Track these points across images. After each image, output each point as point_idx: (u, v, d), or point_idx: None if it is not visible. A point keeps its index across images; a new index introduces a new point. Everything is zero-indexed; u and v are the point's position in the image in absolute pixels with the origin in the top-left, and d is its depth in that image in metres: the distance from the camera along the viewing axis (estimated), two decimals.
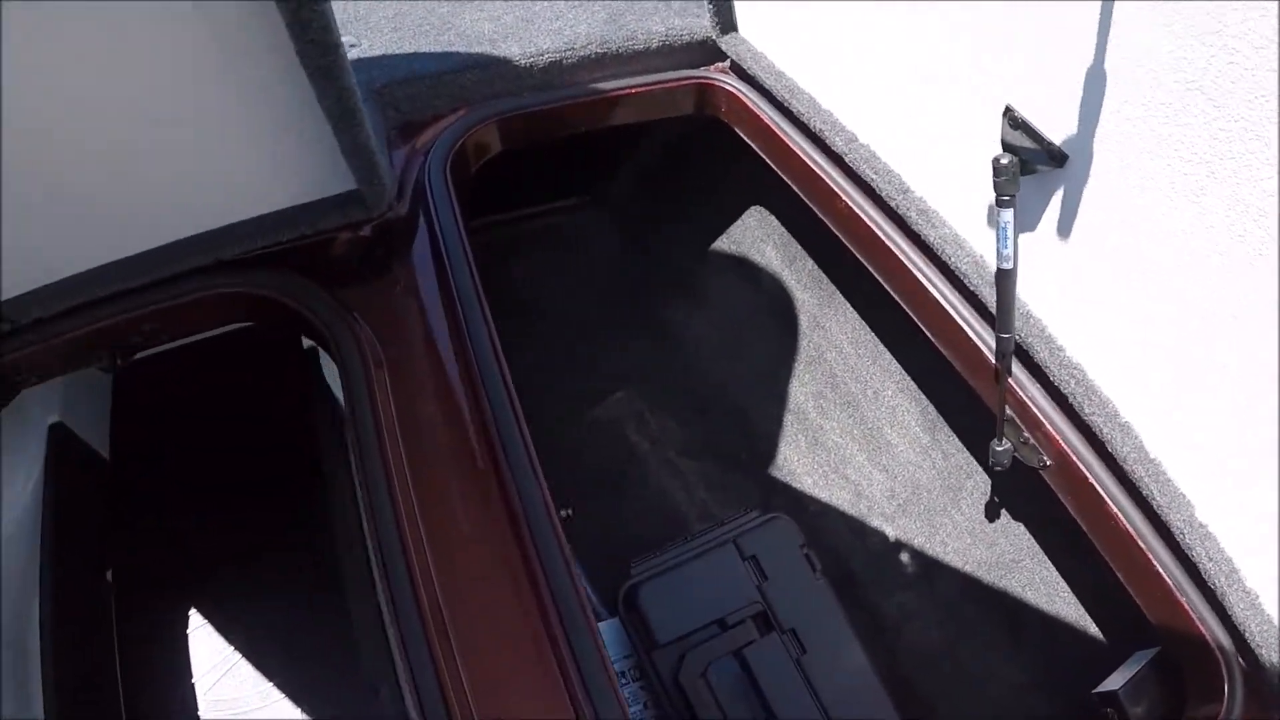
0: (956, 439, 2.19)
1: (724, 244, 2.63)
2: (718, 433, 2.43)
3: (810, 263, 2.44)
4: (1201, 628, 1.30)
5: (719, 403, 2.48)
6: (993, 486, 2.13)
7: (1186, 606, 1.32)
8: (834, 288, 2.40)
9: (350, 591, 2.16)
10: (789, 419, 2.41)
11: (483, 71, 1.94)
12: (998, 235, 1.25)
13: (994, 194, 1.23)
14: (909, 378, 2.26)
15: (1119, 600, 1.47)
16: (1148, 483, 1.32)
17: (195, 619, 2.33)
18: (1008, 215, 1.23)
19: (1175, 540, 1.30)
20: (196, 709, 2.22)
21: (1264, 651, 1.22)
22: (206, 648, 2.29)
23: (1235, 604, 1.23)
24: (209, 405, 2.56)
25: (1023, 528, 2.08)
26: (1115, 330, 1.32)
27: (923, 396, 2.23)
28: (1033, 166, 1.25)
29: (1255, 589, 1.23)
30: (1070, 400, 1.42)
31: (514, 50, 1.96)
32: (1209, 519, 1.27)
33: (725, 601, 1.87)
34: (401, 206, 1.75)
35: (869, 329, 2.33)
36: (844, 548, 2.20)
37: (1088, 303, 1.35)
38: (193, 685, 2.25)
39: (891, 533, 2.22)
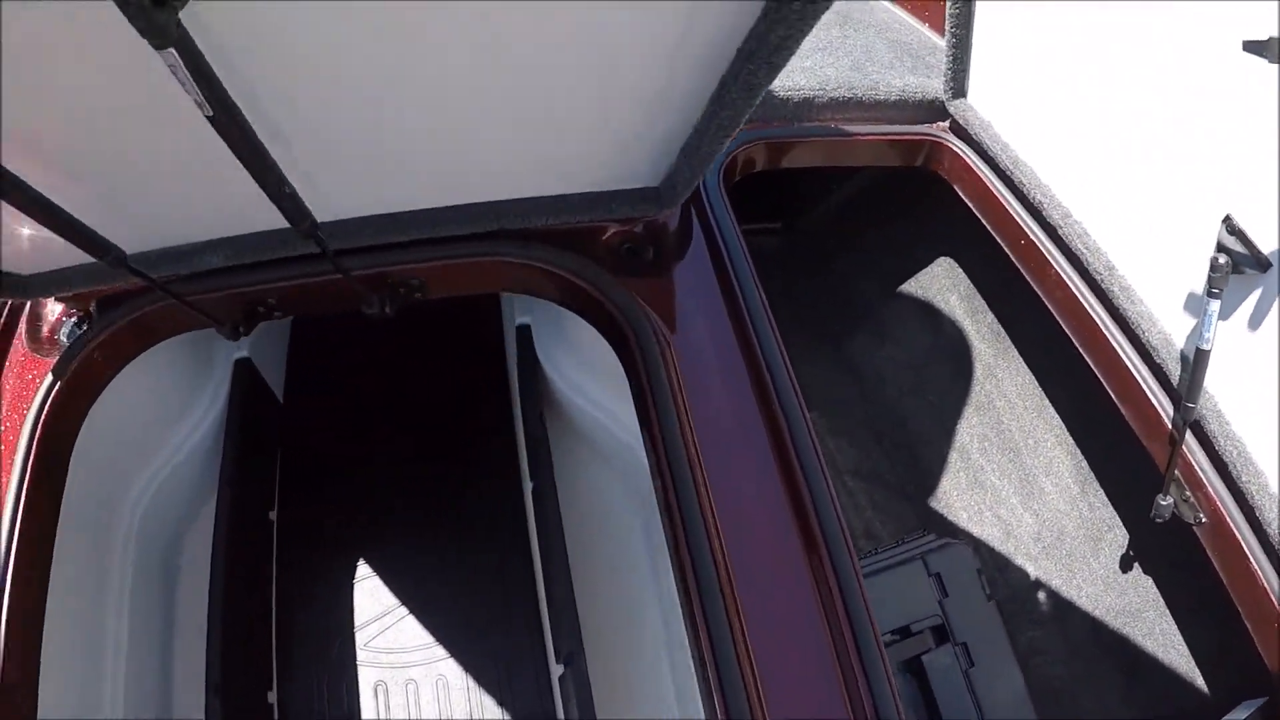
0: (1104, 494, 2.38)
1: (911, 287, 2.87)
2: (888, 460, 2.68)
3: (991, 316, 2.67)
4: None
5: (892, 433, 2.73)
6: (1129, 541, 2.32)
7: None
8: (1010, 343, 2.62)
9: (547, 560, 2.24)
10: (953, 456, 2.64)
11: None
12: (1203, 320, 1.49)
13: (1205, 286, 1.47)
14: (1068, 434, 2.46)
15: (1229, 655, 1.67)
16: None
17: (360, 569, 2.51)
18: (1214, 305, 1.47)
19: None
20: (352, 656, 2.39)
21: None
22: (370, 598, 2.46)
23: None
24: (384, 363, 2.84)
25: (1151, 581, 2.27)
26: (1276, 415, 1.54)
27: (1078, 452, 2.43)
28: (1241, 268, 1.49)
29: None
30: (1230, 468, 1.63)
31: (775, 83, 2.24)
32: None
33: (910, 610, 2.07)
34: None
35: (1037, 385, 2.54)
36: (987, 580, 2.43)
37: (1260, 386, 1.57)
38: (349, 634, 2.42)
39: (1033, 572, 2.43)
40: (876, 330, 2.91)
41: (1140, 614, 2.27)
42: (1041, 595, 2.42)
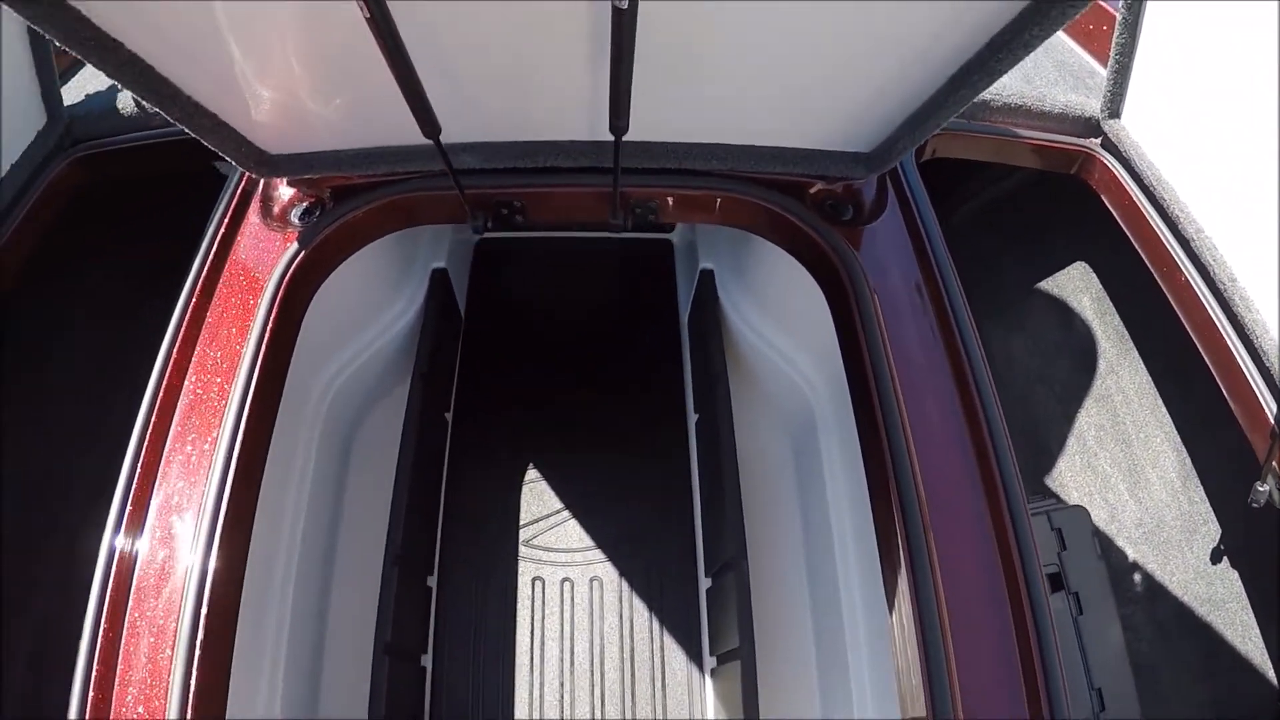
0: (1204, 491, 2.59)
1: (1048, 285, 3.12)
2: (1010, 438, 2.94)
3: (1118, 319, 2.90)
4: None
5: (1016, 416, 2.98)
6: (1222, 536, 2.53)
7: None
8: (1132, 344, 2.85)
9: (708, 482, 2.53)
10: (1071, 441, 2.89)
11: None
12: None
13: None
14: (1177, 432, 2.68)
15: None
16: None
17: (528, 474, 2.78)
18: None
19: None
20: (514, 551, 2.64)
21: None
22: (534, 501, 2.72)
23: None
24: (560, 293, 3.14)
25: (1237, 575, 2.48)
26: None
27: (1184, 450, 2.65)
28: None
29: None
30: None
31: None
32: None
33: None
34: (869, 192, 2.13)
35: (1154, 385, 2.77)
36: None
37: None
38: (513, 531, 2.67)
39: (1131, 555, 2.67)
40: (1013, 320, 3.17)
41: (1224, 604, 2.49)
42: (1136, 576, 2.65)
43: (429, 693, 2.40)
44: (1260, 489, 2.00)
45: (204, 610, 1.52)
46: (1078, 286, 3.03)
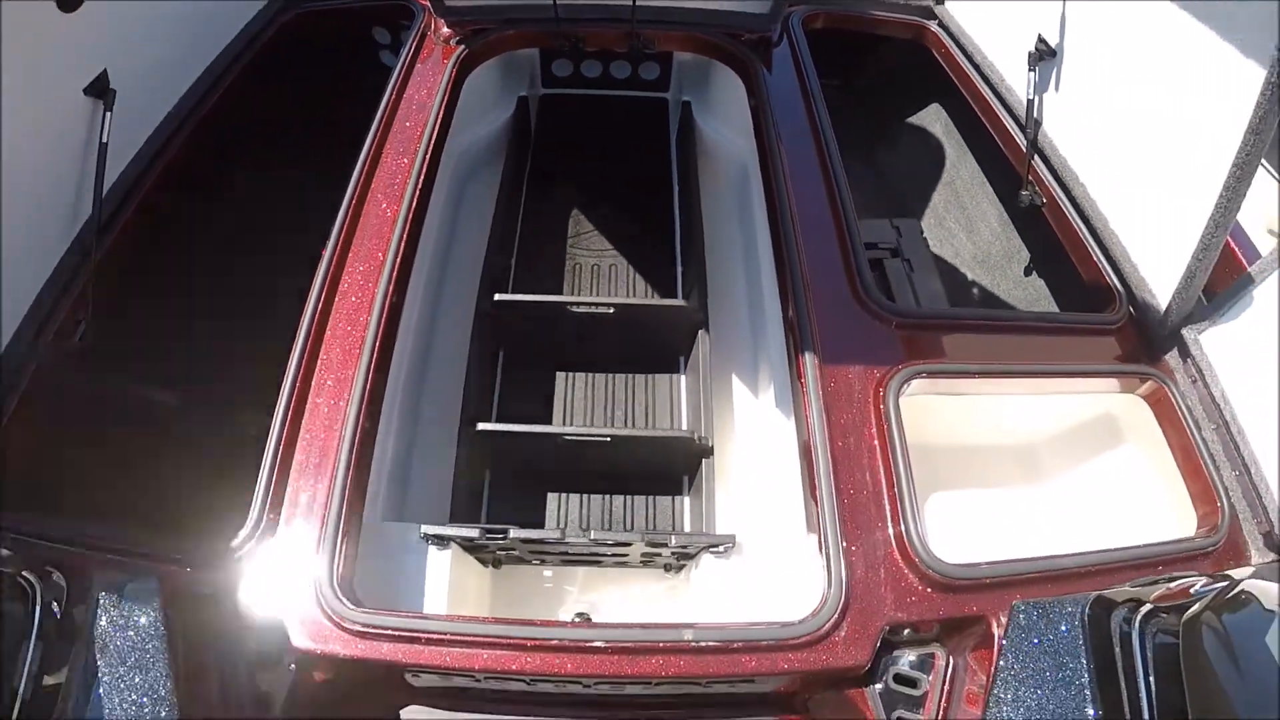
0: (1016, 231, 3.94)
1: (913, 118, 4.64)
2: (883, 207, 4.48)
3: (958, 135, 4.32)
4: None
5: (890, 195, 4.52)
6: (1031, 258, 4.01)
7: None
8: (968, 149, 4.25)
9: (684, 220, 3.94)
10: (927, 210, 4.40)
11: None
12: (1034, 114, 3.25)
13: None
14: (997, 199, 4.00)
15: (1067, 285, 3.38)
16: None
17: (572, 217, 4.25)
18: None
19: None
20: (562, 252, 4.06)
21: None
22: (575, 224, 4.20)
23: None
24: (594, 126, 4.56)
25: (1043, 282, 3.95)
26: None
27: (1002, 209, 4.02)
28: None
29: None
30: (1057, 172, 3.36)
31: None
32: None
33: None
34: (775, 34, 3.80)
35: (981, 172, 4.15)
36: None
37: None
38: (562, 241, 4.10)
39: (970, 276, 4.14)
40: (891, 140, 4.68)
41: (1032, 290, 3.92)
42: (974, 291, 4.10)
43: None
44: (1024, 194, 3.46)
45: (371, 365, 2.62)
46: (932, 117, 4.53)
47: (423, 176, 3.15)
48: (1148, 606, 2.01)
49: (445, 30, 3.78)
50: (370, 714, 2.41)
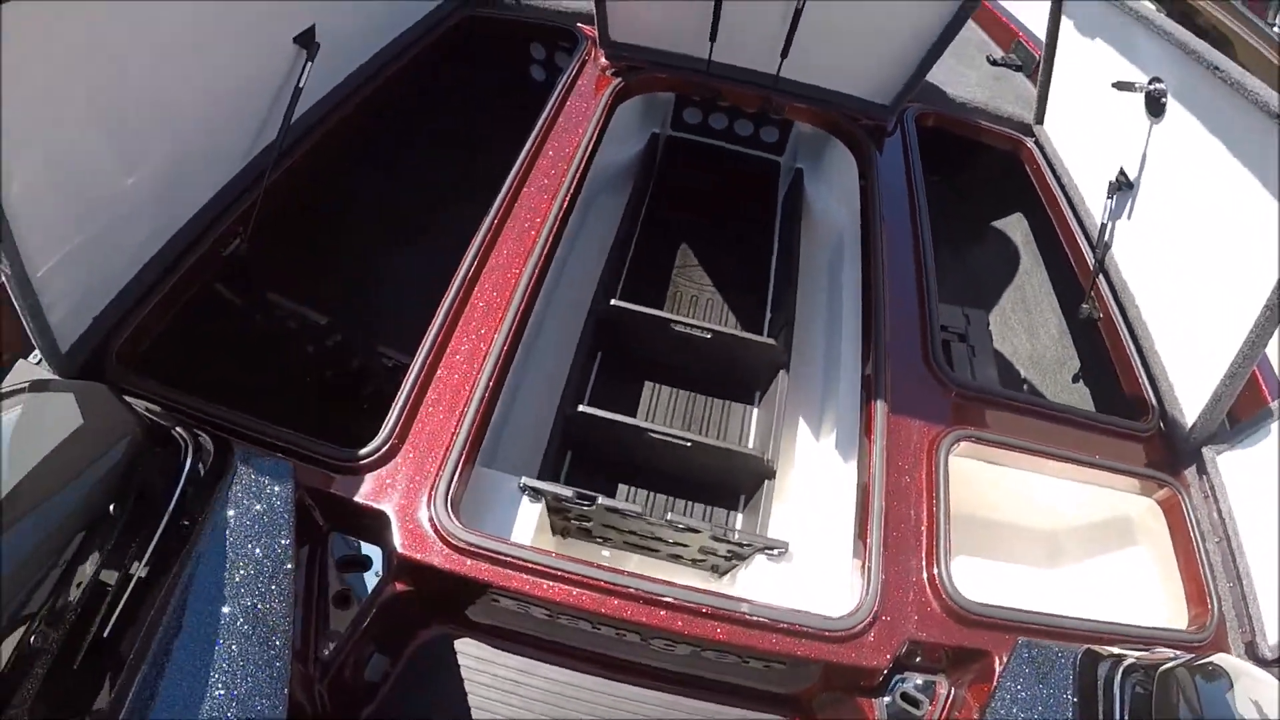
0: (1072, 343, 4.36)
1: (997, 222, 5.04)
2: (961, 292, 4.89)
3: (1035, 245, 4.72)
4: None
5: (966, 289, 4.90)
6: (1080, 368, 4.40)
7: None
8: (1041, 261, 4.66)
9: (780, 271, 4.47)
10: (995, 311, 4.79)
11: None
12: (1108, 237, 3.69)
13: (1107, 202, 3.66)
14: (1060, 310, 4.40)
15: (1108, 392, 3.80)
16: None
17: (678, 252, 4.79)
18: (1115, 226, 3.66)
19: None
20: (666, 281, 4.59)
21: None
22: (682, 259, 4.70)
23: None
24: (709, 174, 5.05)
25: (1087, 390, 4.36)
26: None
27: (1063, 321, 4.44)
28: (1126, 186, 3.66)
29: None
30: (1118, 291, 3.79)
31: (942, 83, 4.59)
32: None
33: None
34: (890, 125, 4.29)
35: (1050, 284, 4.55)
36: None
37: (1133, 272, 3.74)
38: (668, 273, 4.58)
39: (1023, 374, 4.55)
40: (974, 237, 5.08)
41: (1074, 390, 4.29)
42: (1024, 387, 4.50)
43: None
44: (1085, 307, 3.86)
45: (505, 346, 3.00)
46: (1014, 224, 4.95)
47: (575, 182, 3.64)
48: (1130, 661, 2.41)
49: (603, 61, 4.30)
50: (429, 636, 2.71)
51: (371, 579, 2.53)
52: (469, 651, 2.70)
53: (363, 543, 2.58)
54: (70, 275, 2.43)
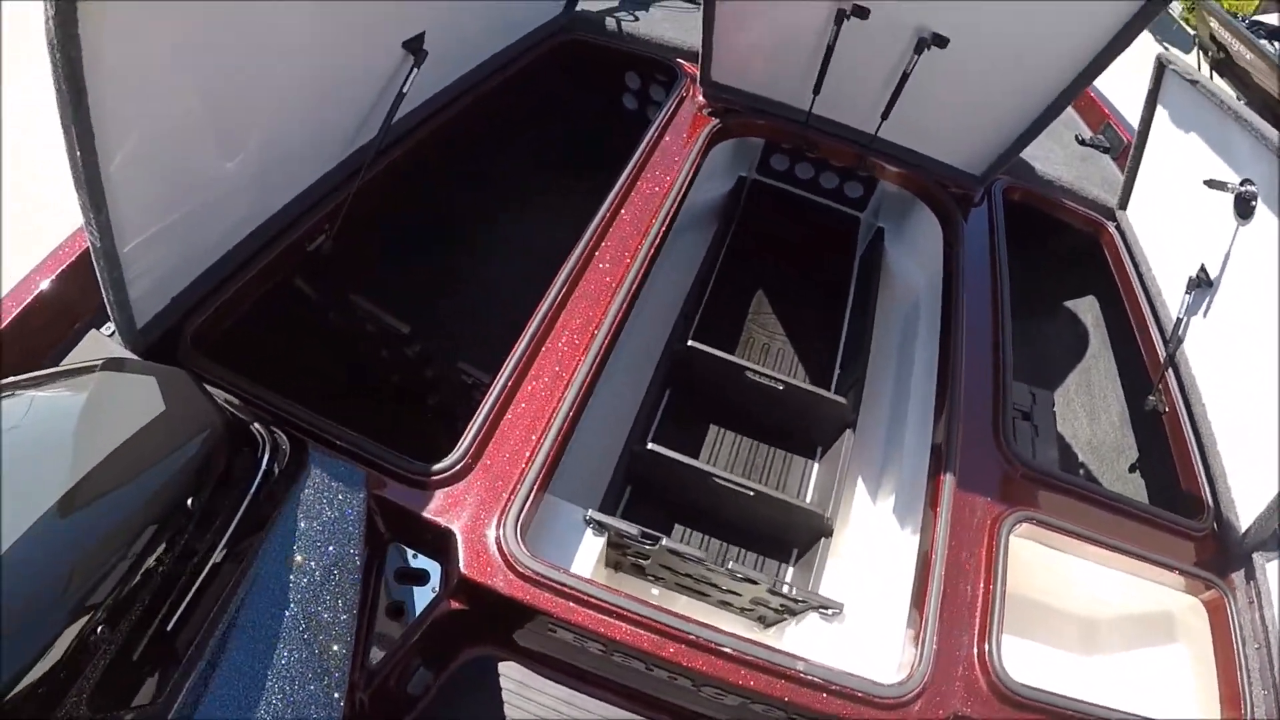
0: (1132, 431, 4.38)
1: (1070, 302, 5.11)
2: (1029, 375, 4.97)
3: (1105, 329, 4.80)
4: None
5: (1032, 369, 4.96)
6: (1139, 457, 4.46)
7: None
8: (1109, 345, 4.74)
9: (854, 324, 4.62)
10: (1059, 392, 4.84)
11: None
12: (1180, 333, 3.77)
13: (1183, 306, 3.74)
14: (1124, 398, 4.46)
15: (1167, 490, 3.85)
16: None
17: (753, 298, 4.90)
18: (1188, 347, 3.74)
19: None
20: (741, 325, 4.68)
21: None
22: (756, 305, 4.81)
23: None
24: (790, 224, 5.11)
25: (1141, 482, 4.41)
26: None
27: (1126, 408, 4.45)
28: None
29: None
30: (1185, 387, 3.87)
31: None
32: None
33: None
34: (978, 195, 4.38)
35: (1116, 369, 4.59)
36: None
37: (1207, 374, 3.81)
38: (742, 319, 4.71)
39: (1081, 458, 4.62)
40: (1046, 314, 5.12)
41: (1128, 481, 4.34)
42: (1080, 471, 4.56)
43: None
44: (1151, 399, 3.93)
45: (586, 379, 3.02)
46: (1086, 307, 5.00)
47: (668, 220, 3.73)
48: None
49: (700, 99, 4.40)
50: (473, 655, 2.73)
51: (426, 594, 2.54)
52: (512, 675, 2.73)
53: (422, 555, 2.61)
54: (156, 252, 2.41)
